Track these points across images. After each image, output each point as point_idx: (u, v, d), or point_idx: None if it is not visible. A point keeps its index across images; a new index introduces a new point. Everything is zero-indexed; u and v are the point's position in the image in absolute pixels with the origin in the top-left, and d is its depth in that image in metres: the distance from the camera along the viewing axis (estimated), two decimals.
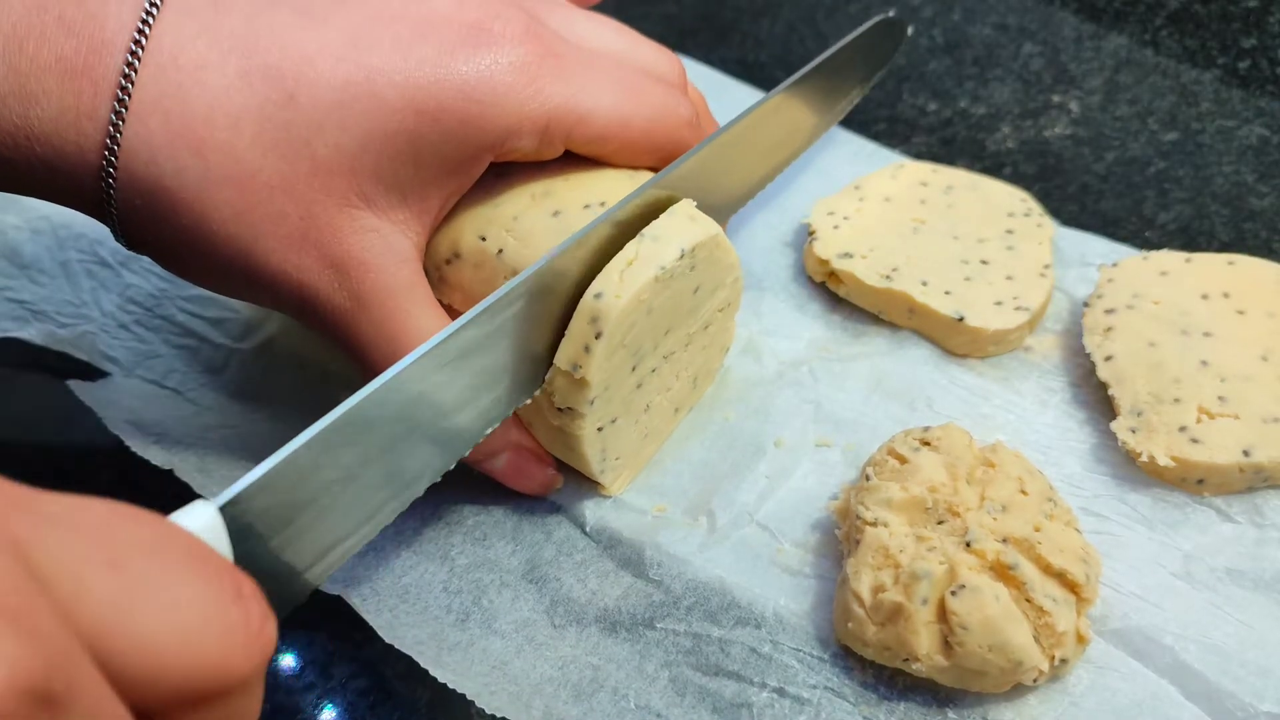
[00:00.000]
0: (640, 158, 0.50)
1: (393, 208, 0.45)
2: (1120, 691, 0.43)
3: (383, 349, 0.45)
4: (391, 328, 0.45)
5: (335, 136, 0.43)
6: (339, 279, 0.44)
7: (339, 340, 0.46)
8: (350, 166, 0.43)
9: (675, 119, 0.49)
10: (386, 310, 0.45)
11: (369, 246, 0.44)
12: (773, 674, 0.45)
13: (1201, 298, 0.54)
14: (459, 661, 0.46)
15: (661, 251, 0.46)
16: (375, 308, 0.45)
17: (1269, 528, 0.48)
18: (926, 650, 0.42)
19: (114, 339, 0.61)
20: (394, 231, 0.45)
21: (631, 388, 0.48)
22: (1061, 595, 0.43)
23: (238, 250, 0.43)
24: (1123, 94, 0.72)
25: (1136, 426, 0.50)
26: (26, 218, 0.67)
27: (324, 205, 0.43)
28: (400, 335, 0.45)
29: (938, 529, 0.44)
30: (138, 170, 0.42)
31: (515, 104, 0.44)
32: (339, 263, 0.44)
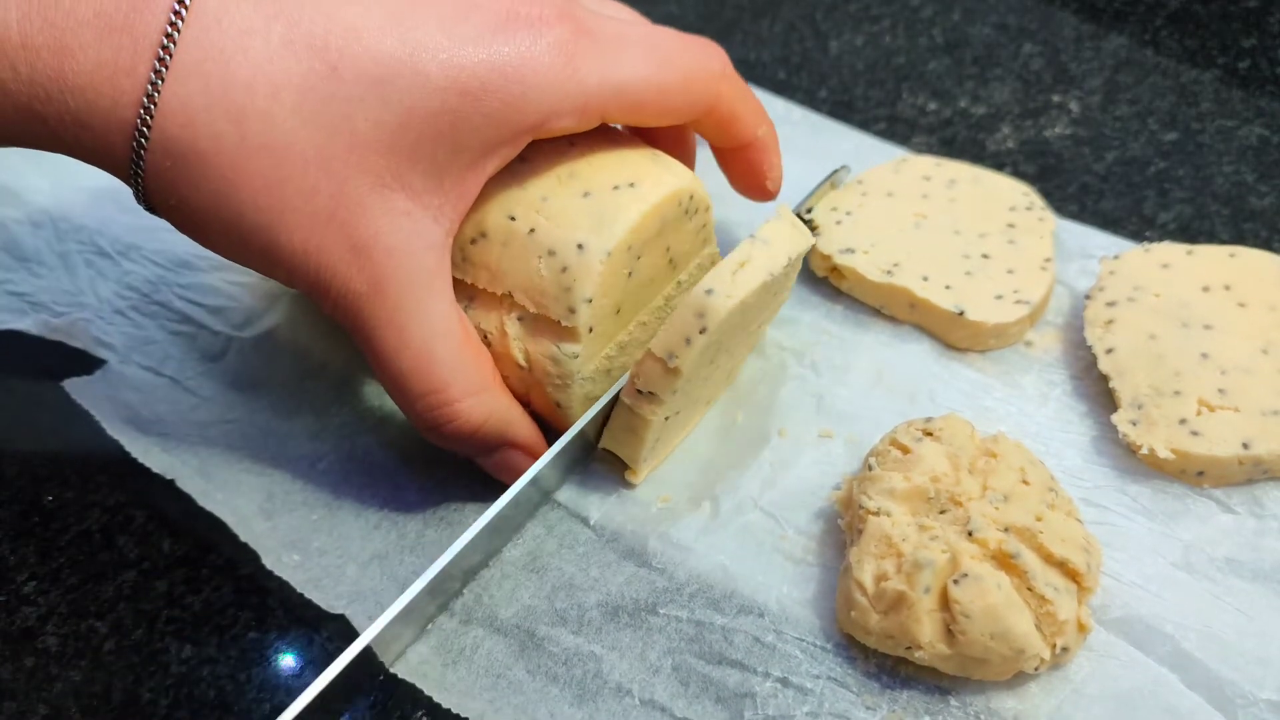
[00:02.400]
0: (677, 119, 0.50)
1: (428, 191, 0.44)
2: (1121, 679, 0.43)
3: (390, 339, 0.45)
4: (402, 318, 0.44)
5: (376, 112, 0.42)
6: (359, 263, 0.43)
7: (347, 324, 0.45)
8: (389, 144, 0.43)
9: (707, 75, 0.49)
10: (401, 300, 0.44)
11: (397, 230, 0.44)
12: (776, 663, 0.45)
13: (1203, 290, 0.54)
14: (462, 679, 0.46)
15: (773, 257, 0.46)
16: (390, 296, 0.44)
17: (1268, 519, 0.48)
18: (929, 639, 0.42)
19: (109, 325, 0.61)
20: (425, 217, 0.44)
21: (700, 381, 0.49)
22: (1063, 584, 0.43)
23: (263, 223, 0.43)
24: (1123, 94, 0.72)
25: (1137, 419, 0.50)
26: (27, 211, 0.67)
27: (357, 184, 0.43)
28: (410, 326, 0.44)
29: (940, 518, 0.44)
30: (172, 132, 0.41)
31: (555, 85, 0.44)
32: (363, 246, 0.43)
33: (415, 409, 0.46)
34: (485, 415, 0.47)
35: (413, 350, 0.45)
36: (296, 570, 0.50)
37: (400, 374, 0.45)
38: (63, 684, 0.47)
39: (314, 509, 0.52)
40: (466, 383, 0.46)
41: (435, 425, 0.46)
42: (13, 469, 0.55)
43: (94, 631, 0.48)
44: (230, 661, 0.47)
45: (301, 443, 0.55)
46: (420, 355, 0.45)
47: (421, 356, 0.45)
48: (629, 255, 0.47)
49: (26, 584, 0.50)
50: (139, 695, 0.46)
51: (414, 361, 0.45)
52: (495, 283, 0.48)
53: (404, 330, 0.44)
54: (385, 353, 0.45)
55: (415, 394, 0.46)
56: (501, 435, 0.48)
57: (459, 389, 0.46)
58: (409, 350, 0.45)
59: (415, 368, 0.45)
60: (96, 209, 0.67)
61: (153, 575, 0.50)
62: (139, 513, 0.53)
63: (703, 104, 0.50)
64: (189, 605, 0.49)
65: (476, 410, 0.46)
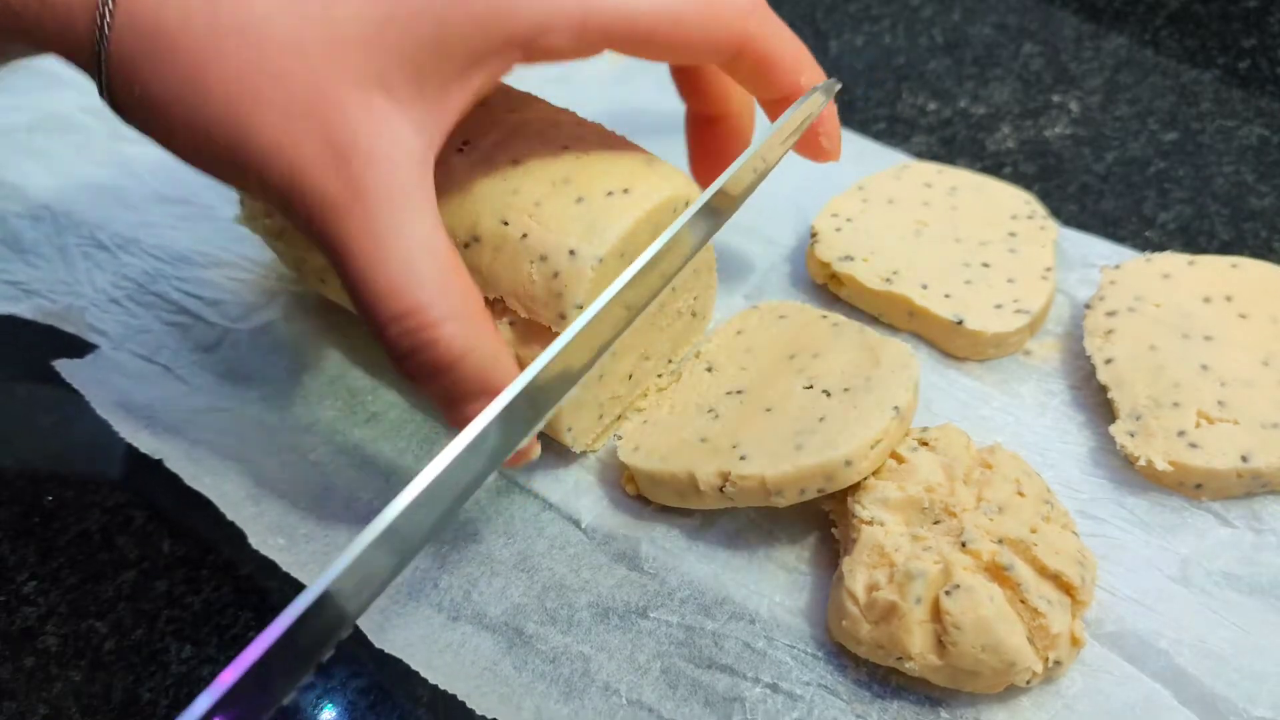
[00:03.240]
0: (697, 57, 0.46)
1: (410, 99, 0.41)
2: (1114, 695, 0.44)
3: (367, 252, 0.40)
4: (381, 230, 0.40)
5: (359, 6, 0.39)
6: (336, 165, 0.39)
7: (320, 235, 0.40)
8: (369, 39, 0.39)
9: (732, 9, 0.45)
10: (381, 210, 0.40)
11: (377, 135, 0.40)
12: (766, 669, 0.45)
13: (1204, 301, 0.54)
14: (449, 664, 0.46)
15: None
16: (369, 204, 0.39)
17: (1267, 533, 0.48)
18: (920, 649, 0.42)
19: (104, 313, 0.61)
20: (407, 124, 0.41)
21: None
22: (1056, 597, 0.43)
23: (233, 115, 0.39)
24: (1123, 94, 0.72)
25: (1135, 430, 0.50)
26: (28, 205, 0.67)
27: (335, 79, 0.39)
28: (390, 240, 0.40)
29: (934, 529, 0.44)
30: (140, 11, 0.38)
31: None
32: (339, 147, 0.39)
33: (390, 332, 0.40)
34: (467, 346, 0.40)
35: (392, 266, 0.40)
36: (283, 553, 0.50)
37: (376, 292, 0.40)
38: (63, 684, 0.47)
39: (302, 498, 0.52)
40: (450, 305, 0.40)
41: (410, 350, 0.40)
42: (13, 469, 0.55)
43: (94, 631, 0.49)
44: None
45: (292, 434, 0.55)
46: (400, 271, 0.40)
47: (401, 273, 0.40)
48: (621, 262, 0.47)
49: (26, 584, 0.50)
50: (139, 695, 0.46)
51: (392, 278, 0.40)
52: (487, 287, 0.48)
53: (383, 243, 0.40)
54: (361, 267, 0.40)
55: (391, 314, 0.40)
56: (482, 379, 0.41)
57: (440, 310, 0.40)
58: (388, 265, 0.40)
59: (393, 284, 0.40)
60: (98, 205, 0.67)
61: (153, 575, 0.50)
62: (139, 513, 0.53)
63: (727, 42, 0.45)
64: (189, 605, 0.49)
65: (459, 338, 0.40)
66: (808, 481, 0.46)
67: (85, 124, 0.72)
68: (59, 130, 0.72)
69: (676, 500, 0.49)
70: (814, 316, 0.53)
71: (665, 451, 0.49)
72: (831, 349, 0.51)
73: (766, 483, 0.46)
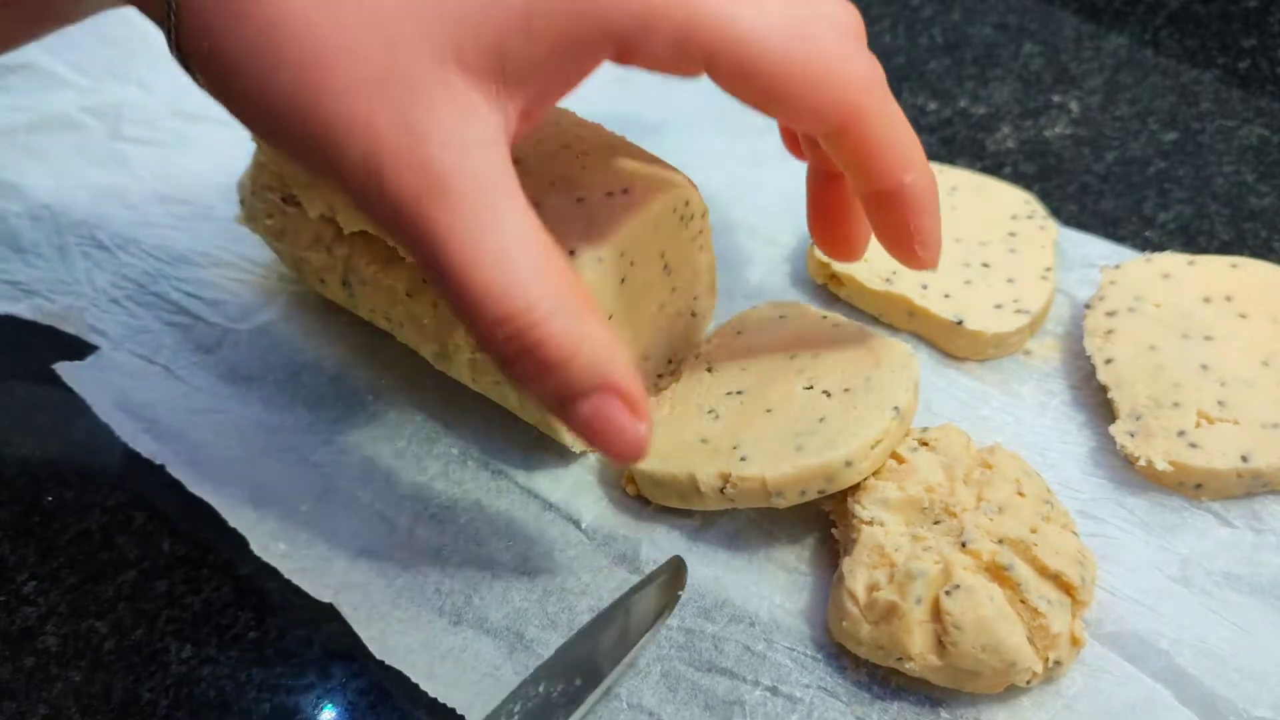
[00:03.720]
0: (798, 115, 0.41)
1: (489, 79, 0.37)
2: (1114, 695, 0.44)
3: (459, 252, 0.36)
4: (472, 225, 0.36)
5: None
6: (413, 148, 0.36)
7: (401, 232, 0.37)
8: (451, 12, 0.36)
9: (846, 77, 0.40)
10: (469, 201, 0.36)
11: (457, 119, 0.37)
12: (766, 672, 0.45)
13: (1204, 301, 0.54)
14: (450, 671, 0.46)
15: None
16: (454, 197, 0.36)
17: (1267, 533, 0.48)
18: (920, 650, 0.42)
19: (104, 313, 0.61)
20: (486, 107, 0.37)
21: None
22: (1056, 597, 0.43)
23: (304, 80, 0.36)
24: (1123, 94, 0.72)
25: (1135, 430, 0.50)
26: (28, 205, 0.67)
27: (413, 52, 0.36)
28: (482, 236, 0.36)
29: (934, 529, 0.45)
30: None
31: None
32: (417, 129, 0.36)
33: (495, 337, 0.37)
34: (578, 341, 0.37)
35: (488, 263, 0.36)
36: (284, 559, 0.50)
37: (473, 294, 0.36)
38: (63, 684, 0.47)
39: (303, 501, 0.52)
40: (555, 300, 0.37)
41: (518, 354, 0.37)
42: (13, 469, 0.55)
43: (94, 631, 0.49)
44: (230, 661, 0.47)
45: (293, 435, 0.55)
46: (497, 269, 0.36)
47: (498, 271, 0.36)
48: (622, 262, 0.47)
49: (26, 584, 0.50)
50: (139, 695, 0.46)
51: (490, 277, 0.36)
52: None
53: (474, 239, 0.36)
54: (453, 267, 0.36)
55: (494, 319, 0.37)
56: (598, 373, 0.38)
57: (546, 307, 0.37)
58: (483, 263, 0.36)
59: (491, 285, 0.36)
60: (97, 204, 0.67)
61: (153, 575, 0.50)
62: (139, 513, 0.53)
63: (834, 109, 0.40)
64: (189, 605, 0.49)
65: (569, 334, 0.37)
66: (808, 483, 0.46)
67: (85, 124, 0.72)
68: (59, 130, 0.72)
69: (677, 501, 0.49)
70: (814, 316, 0.53)
71: (666, 452, 0.49)
72: (832, 349, 0.51)
73: (767, 484, 0.46)
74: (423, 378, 0.55)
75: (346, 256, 0.53)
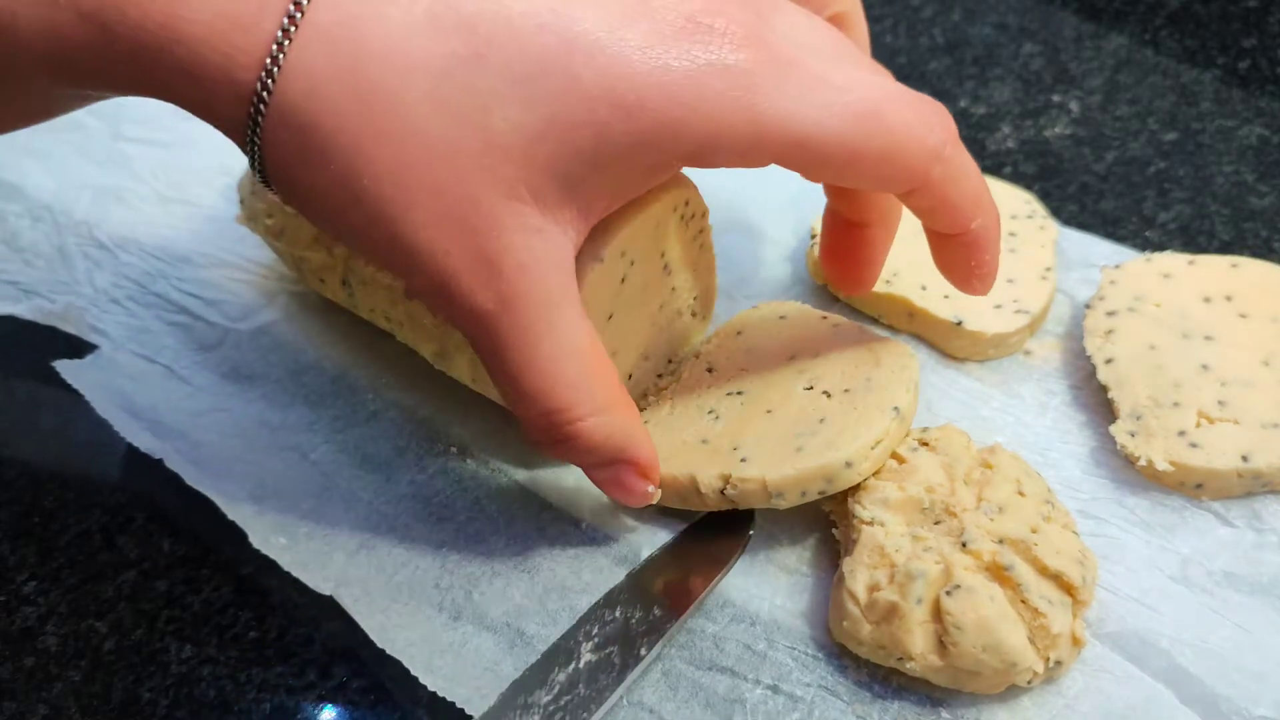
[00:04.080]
0: (871, 187, 0.45)
1: (560, 205, 0.40)
2: (1115, 695, 0.44)
3: (516, 361, 0.41)
4: (531, 340, 0.41)
5: (517, 113, 0.38)
6: (488, 278, 0.39)
7: (469, 336, 0.42)
8: (525, 152, 0.38)
9: (918, 151, 0.42)
10: (531, 322, 0.40)
11: (528, 248, 0.40)
12: (767, 671, 0.45)
13: (1204, 301, 0.54)
14: (450, 665, 0.46)
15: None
16: (519, 317, 0.40)
17: (1267, 532, 0.48)
18: (921, 650, 0.42)
19: (104, 313, 0.61)
20: (556, 232, 0.40)
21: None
22: (1057, 597, 0.43)
23: (385, 215, 0.39)
24: (1123, 94, 0.72)
25: (1135, 430, 0.50)
26: (28, 206, 0.67)
27: (488, 191, 0.38)
28: (538, 348, 0.41)
29: (934, 529, 0.45)
30: (294, 101, 0.37)
31: (723, 115, 0.39)
32: (492, 261, 0.39)
33: (534, 426, 0.43)
34: (606, 434, 0.43)
35: (539, 370, 0.41)
36: (284, 552, 0.50)
37: (522, 392, 0.42)
38: (63, 684, 0.47)
39: (304, 497, 0.52)
40: (591, 403, 0.42)
41: (555, 440, 0.43)
42: (13, 469, 0.55)
43: (94, 631, 0.49)
44: (230, 661, 0.47)
45: (294, 434, 0.55)
46: (545, 377, 0.41)
47: (546, 378, 0.41)
48: (622, 262, 0.47)
49: (26, 584, 0.50)
50: (139, 695, 0.46)
51: (539, 382, 0.41)
52: None
53: (532, 352, 0.41)
54: (508, 371, 0.41)
55: (536, 413, 0.42)
56: (618, 453, 0.44)
57: (582, 410, 0.42)
58: (534, 372, 0.41)
59: (539, 389, 0.41)
60: (98, 204, 0.67)
61: (153, 575, 0.50)
62: (139, 513, 0.53)
63: (905, 182, 0.42)
64: (189, 605, 0.49)
65: (598, 430, 0.43)
66: (808, 484, 0.46)
67: (85, 124, 0.72)
68: (59, 130, 0.71)
69: (678, 502, 0.49)
70: (814, 317, 0.53)
71: (666, 453, 0.49)
72: (832, 350, 0.51)
73: (767, 485, 0.46)
74: (423, 377, 0.55)
75: (346, 256, 0.53)
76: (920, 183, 0.42)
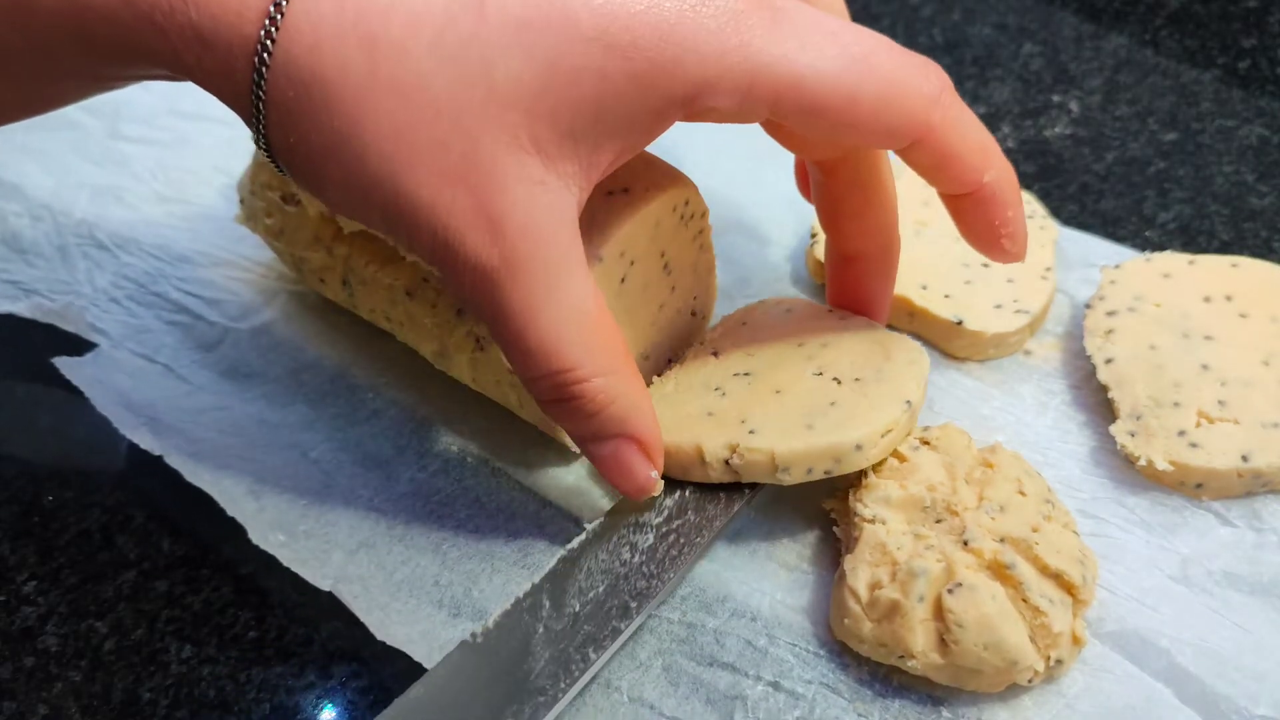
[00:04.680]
0: (869, 140, 0.43)
1: (563, 158, 0.39)
2: (1115, 694, 0.44)
3: (520, 321, 0.40)
4: (536, 300, 0.40)
5: (519, 64, 0.38)
6: (492, 234, 0.39)
7: (471, 298, 0.41)
8: (528, 103, 0.38)
9: (916, 96, 0.42)
10: (535, 281, 0.40)
11: (533, 202, 0.39)
12: (768, 667, 0.45)
13: (1204, 300, 0.54)
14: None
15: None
16: (524, 276, 0.39)
17: (1267, 532, 0.48)
18: (922, 648, 0.42)
19: (104, 312, 0.61)
20: (560, 186, 0.40)
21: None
22: (1058, 596, 0.43)
23: (387, 171, 0.38)
24: (1123, 94, 0.72)
25: (1135, 430, 0.50)
26: (28, 205, 0.67)
27: (491, 143, 0.38)
28: (544, 308, 0.40)
29: (936, 527, 0.45)
30: (297, 56, 0.37)
31: (718, 54, 0.39)
32: (496, 216, 0.39)
33: (539, 385, 0.42)
34: (610, 398, 0.42)
35: (543, 330, 0.40)
36: (283, 549, 0.50)
37: (526, 352, 0.41)
38: (63, 684, 0.47)
39: (303, 495, 0.52)
40: (596, 364, 0.42)
41: (558, 400, 0.42)
42: (13, 469, 0.55)
43: (94, 631, 0.48)
44: (230, 661, 0.47)
45: (293, 432, 0.55)
46: (549, 336, 0.40)
47: (550, 338, 0.40)
48: (622, 262, 0.47)
49: (26, 584, 0.50)
50: (139, 695, 0.46)
51: (543, 341, 0.41)
52: None
53: (537, 312, 0.40)
54: (512, 331, 0.41)
55: (541, 373, 0.41)
56: (622, 424, 0.43)
57: (586, 370, 0.41)
58: (537, 331, 0.40)
59: (543, 347, 0.41)
60: (97, 204, 0.67)
61: (153, 575, 0.50)
62: (139, 513, 0.53)
63: (904, 130, 0.42)
64: (189, 605, 0.49)
65: (604, 392, 0.42)
66: (816, 461, 0.45)
67: (84, 123, 0.72)
68: (58, 130, 0.72)
69: (679, 474, 0.48)
70: (820, 311, 0.53)
71: (670, 425, 0.48)
72: (841, 340, 0.50)
73: (775, 458, 0.45)
74: (423, 376, 0.55)
75: (346, 256, 0.53)
76: (921, 130, 0.42)
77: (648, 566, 0.46)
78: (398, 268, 0.52)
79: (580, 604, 0.44)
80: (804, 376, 0.49)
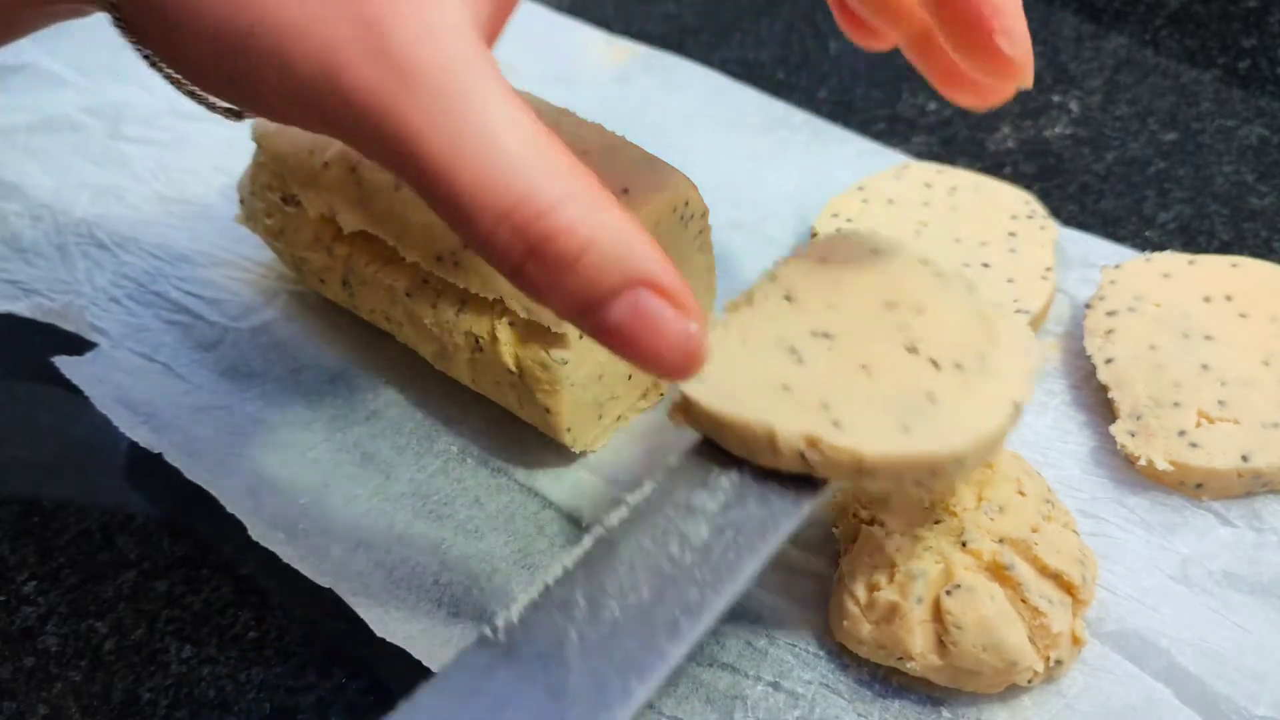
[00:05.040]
0: None
1: None
2: (1115, 694, 0.44)
3: (439, 147, 0.32)
4: (446, 115, 0.32)
5: None
6: (374, 42, 0.32)
7: (375, 140, 0.33)
8: None
9: None
10: (444, 91, 0.32)
11: (416, 5, 0.32)
12: (767, 668, 0.45)
13: (1204, 300, 0.54)
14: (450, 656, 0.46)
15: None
16: (426, 87, 0.32)
17: (1267, 532, 0.48)
18: (921, 649, 0.42)
19: (104, 311, 0.61)
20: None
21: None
22: (1057, 596, 0.43)
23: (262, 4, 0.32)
24: (1123, 94, 0.72)
25: (1135, 430, 0.50)
26: (28, 205, 0.67)
27: None
28: (461, 123, 0.32)
29: (935, 529, 0.44)
30: None
31: None
32: (373, 23, 0.32)
33: (497, 237, 0.32)
34: (593, 229, 0.32)
35: (475, 154, 0.32)
36: (283, 546, 0.50)
37: (463, 190, 0.32)
38: (63, 684, 0.47)
39: (302, 494, 0.52)
40: (561, 186, 0.32)
41: (527, 252, 0.32)
42: (12, 468, 0.55)
43: (94, 631, 0.49)
44: (230, 661, 0.47)
45: (292, 431, 0.55)
46: (485, 159, 0.32)
47: (487, 160, 0.32)
48: None
49: (26, 584, 0.50)
50: (139, 695, 0.46)
51: (479, 169, 0.32)
52: (487, 288, 0.48)
53: (454, 131, 0.32)
54: (436, 167, 0.32)
55: (495, 214, 0.32)
56: (625, 263, 0.33)
57: (551, 194, 0.32)
58: (468, 155, 0.32)
59: (482, 176, 0.32)
60: (97, 204, 0.67)
61: (153, 575, 0.50)
62: (139, 512, 0.53)
63: None
64: (189, 605, 0.49)
65: (581, 221, 0.32)
66: (908, 471, 0.37)
67: (84, 124, 0.72)
68: (58, 130, 0.72)
69: (739, 450, 0.39)
70: (912, 259, 0.45)
71: (738, 392, 0.39)
72: (938, 307, 0.42)
73: (863, 462, 0.37)
74: (423, 377, 0.55)
75: (346, 256, 0.53)
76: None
77: (700, 571, 0.36)
78: (398, 268, 0.52)
79: (620, 608, 0.35)
80: (896, 351, 0.41)
